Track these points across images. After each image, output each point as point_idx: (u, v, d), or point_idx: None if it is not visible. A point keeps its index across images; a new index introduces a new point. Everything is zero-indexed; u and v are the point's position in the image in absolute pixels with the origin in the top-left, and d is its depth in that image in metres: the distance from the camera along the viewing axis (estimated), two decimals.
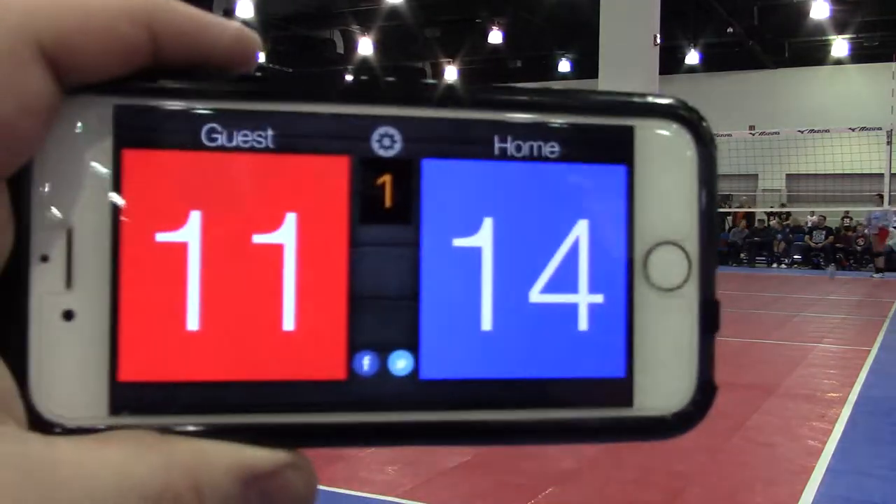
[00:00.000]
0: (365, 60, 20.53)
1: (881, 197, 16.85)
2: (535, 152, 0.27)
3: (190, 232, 0.25)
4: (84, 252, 0.24)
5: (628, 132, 0.27)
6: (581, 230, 0.27)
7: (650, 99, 0.28)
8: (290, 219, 0.25)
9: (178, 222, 0.25)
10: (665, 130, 0.28)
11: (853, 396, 5.47)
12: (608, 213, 0.27)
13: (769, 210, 19.83)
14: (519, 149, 0.27)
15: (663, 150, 0.28)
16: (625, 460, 3.88)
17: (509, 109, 0.27)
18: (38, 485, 0.20)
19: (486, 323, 0.26)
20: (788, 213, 19.43)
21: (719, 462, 3.96)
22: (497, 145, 0.27)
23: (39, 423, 0.23)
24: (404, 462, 3.80)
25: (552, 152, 0.27)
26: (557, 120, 0.27)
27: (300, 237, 0.25)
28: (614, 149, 0.27)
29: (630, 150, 0.27)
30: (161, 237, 0.25)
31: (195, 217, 0.25)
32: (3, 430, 0.21)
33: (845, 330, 8.85)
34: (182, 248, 0.25)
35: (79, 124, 0.24)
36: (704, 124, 0.28)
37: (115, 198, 0.24)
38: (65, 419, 0.24)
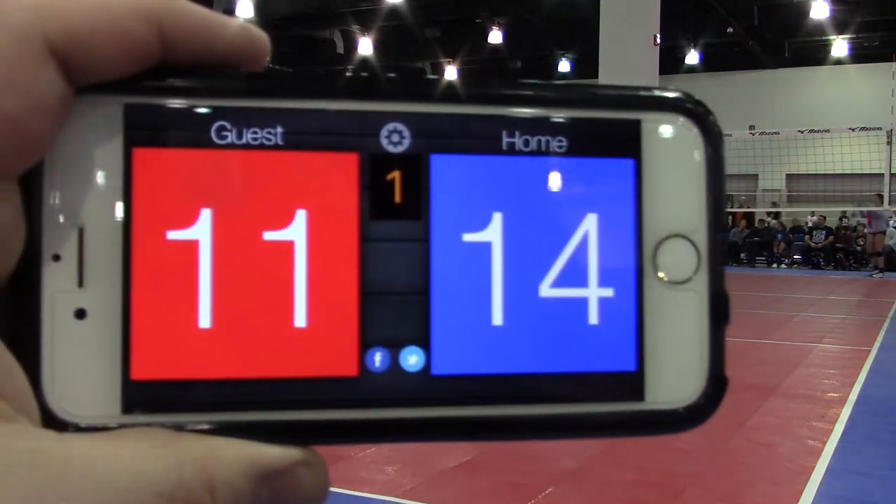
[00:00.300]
0: (365, 60, 20.51)
1: (881, 197, 16.82)
2: (543, 147, 0.27)
3: (201, 229, 0.25)
4: (96, 250, 0.24)
5: (635, 126, 0.28)
6: (590, 224, 0.27)
7: (656, 92, 0.28)
8: (301, 215, 0.25)
9: (188, 220, 0.25)
10: (672, 124, 0.28)
11: (853, 396, 5.47)
12: (616, 206, 0.27)
13: (769, 210, 19.80)
14: (527, 143, 0.27)
15: (670, 143, 0.28)
16: (625, 461, 3.88)
17: (516, 104, 0.27)
18: (52, 481, 0.20)
19: (497, 318, 0.26)
20: (778, 213, 19.38)
21: (719, 462, 3.96)
22: (505, 140, 0.27)
23: (52, 422, 0.23)
24: (404, 462, 3.80)
25: (560, 147, 0.27)
26: (564, 114, 0.27)
27: (310, 234, 0.25)
28: (621, 142, 0.27)
29: (637, 143, 0.28)
30: (172, 235, 0.25)
31: (206, 215, 0.25)
32: (17, 427, 0.21)
33: (845, 330, 8.85)
34: (193, 245, 0.25)
35: (89, 123, 0.24)
36: (711, 117, 0.28)
37: (126, 196, 0.24)
38: (77, 417, 0.24)
